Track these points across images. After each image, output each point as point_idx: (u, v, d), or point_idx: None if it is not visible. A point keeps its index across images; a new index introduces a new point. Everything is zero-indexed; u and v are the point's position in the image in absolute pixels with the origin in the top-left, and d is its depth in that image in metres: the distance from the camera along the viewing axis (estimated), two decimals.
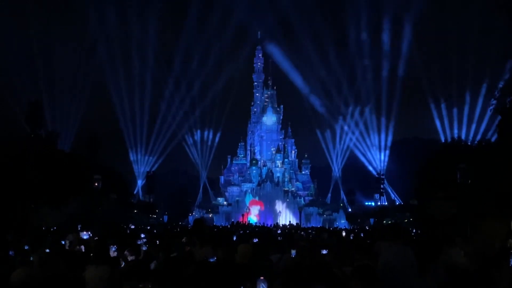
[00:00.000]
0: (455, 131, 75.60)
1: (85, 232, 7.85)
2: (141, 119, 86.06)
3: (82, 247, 8.86)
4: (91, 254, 6.53)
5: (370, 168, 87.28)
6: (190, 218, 74.12)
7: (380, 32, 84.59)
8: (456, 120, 77.77)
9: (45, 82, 71.84)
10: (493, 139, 32.79)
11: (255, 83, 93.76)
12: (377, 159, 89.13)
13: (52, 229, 26.64)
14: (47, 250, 8.94)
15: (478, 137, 55.22)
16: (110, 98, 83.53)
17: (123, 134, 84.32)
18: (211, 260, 6.93)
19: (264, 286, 3.57)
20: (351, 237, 18.83)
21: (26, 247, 9.83)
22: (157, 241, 13.93)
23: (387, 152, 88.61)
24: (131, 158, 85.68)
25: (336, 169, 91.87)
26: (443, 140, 57.03)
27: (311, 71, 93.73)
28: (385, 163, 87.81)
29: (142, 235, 13.29)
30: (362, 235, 22.00)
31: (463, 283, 6.11)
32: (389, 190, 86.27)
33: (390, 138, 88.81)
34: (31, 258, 7.45)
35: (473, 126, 73.78)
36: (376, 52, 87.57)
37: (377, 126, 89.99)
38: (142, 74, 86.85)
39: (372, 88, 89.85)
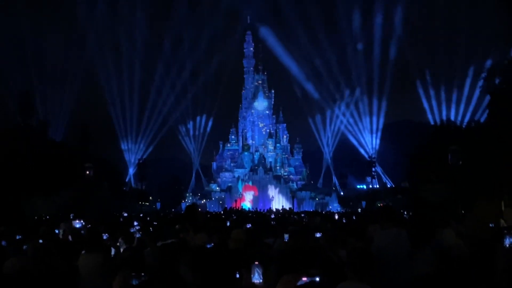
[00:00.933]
0: (444, 112, 76.19)
1: (77, 221, 7.74)
2: (132, 107, 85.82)
3: (70, 237, 8.79)
4: (84, 242, 6.46)
5: (362, 151, 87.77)
6: (183, 205, 74.13)
7: (371, 16, 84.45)
8: (445, 102, 78.28)
9: (35, 73, 71.18)
10: (482, 119, 32.96)
11: (246, 69, 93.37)
12: (369, 142, 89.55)
13: (44, 218, 26.55)
14: (40, 240, 8.87)
15: (467, 118, 55.58)
16: (100, 87, 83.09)
17: (113, 123, 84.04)
18: (208, 246, 6.90)
19: (259, 271, 3.55)
20: (344, 221, 18.91)
21: (18, 237, 9.73)
22: (151, 229, 13.91)
23: (379, 135, 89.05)
24: (122, 147, 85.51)
25: (327, 153, 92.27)
26: (433, 123, 57.28)
27: (302, 55, 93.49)
28: (377, 146, 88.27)
29: (135, 223, 13.22)
30: (354, 218, 22.10)
31: (457, 266, 6.13)
32: (381, 173, 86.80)
33: (381, 121, 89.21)
34: (24, 248, 7.39)
35: (462, 107, 74.37)
36: (367, 36, 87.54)
37: (369, 109, 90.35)
38: (132, 62, 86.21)
39: (364, 72, 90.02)
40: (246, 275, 3.96)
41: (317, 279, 2.65)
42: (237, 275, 3.29)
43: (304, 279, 2.61)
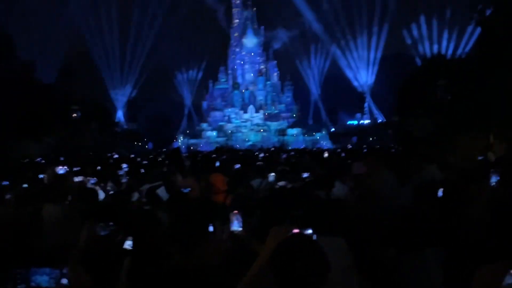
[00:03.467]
0: (435, 46, 75.67)
1: (60, 167, 7.59)
2: (119, 47, 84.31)
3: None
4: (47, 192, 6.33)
5: (355, 84, 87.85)
6: (175, 144, 74.45)
7: None
8: (437, 36, 77.59)
9: (16, 16, 68.97)
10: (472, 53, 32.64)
11: (234, 4, 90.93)
12: (362, 76, 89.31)
13: (34, 162, 26.53)
14: (25, 185, 8.84)
15: (459, 51, 55.18)
16: (84, 26, 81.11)
17: (99, 62, 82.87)
18: (185, 191, 6.83)
19: (238, 219, 3.49)
20: (331, 157, 19.03)
21: (5, 183, 9.68)
22: (142, 170, 13.90)
23: (372, 69, 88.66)
24: (111, 86, 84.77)
25: (316, 89, 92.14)
26: (426, 55, 56.79)
27: None
28: (371, 80, 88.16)
29: (124, 165, 13.14)
30: (343, 155, 22.23)
31: (440, 196, 6.13)
32: (373, 107, 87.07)
33: (373, 54, 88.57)
34: (8, 197, 7.35)
35: (453, 41, 73.89)
36: None
37: (363, 42, 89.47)
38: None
39: (356, 4, 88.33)
40: (219, 227, 3.93)
41: (310, 231, 2.58)
42: (211, 228, 3.21)
43: (296, 231, 2.54)
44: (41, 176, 9.88)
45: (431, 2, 78.90)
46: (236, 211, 3.48)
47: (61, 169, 7.48)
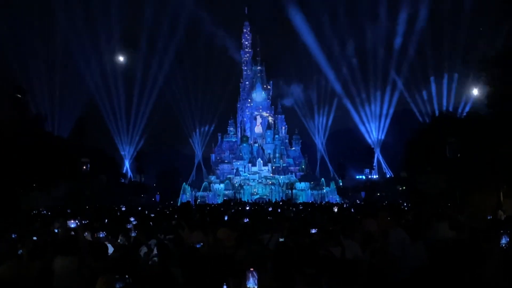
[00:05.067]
0: (444, 102, 76.38)
1: (72, 221, 7.57)
2: (129, 99, 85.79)
3: (72, 233, 8.66)
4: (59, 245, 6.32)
5: (367, 138, 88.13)
6: (183, 197, 74.26)
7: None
8: (446, 93, 78.47)
9: (26, 69, 71.00)
10: (480, 110, 32.81)
11: (243, 60, 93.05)
12: (370, 131, 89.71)
13: (42, 213, 26.51)
14: (34, 237, 8.81)
15: (467, 108, 55.55)
16: (90, 81, 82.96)
17: (108, 114, 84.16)
18: (198, 246, 6.79)
19: (254, 276, 3.45)
20: (341, 213, 18.82)
21: (13, 236, 9.68)
22: (151, 223, 13.82)
23: (380, 125, 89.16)
24: (118, 139, 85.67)
25: (320, 144, 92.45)
26: (435, 112, 57.24)
27: (302, 44, 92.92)
28: (377, 136, 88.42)
29: (132, 219, 13.10)
30: (352, 210, 22.03)
31: (450, 256, 6.06)
32: (382, 162, 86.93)
33: (382, 111, 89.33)
34: (20, 252, 7.34)
35: (462, 98, 74.53)
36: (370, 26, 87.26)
37: (370, 97, 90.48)
38: (124, 52, 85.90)
39: (365, 61, 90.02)
40: (234, 283, 3.89)
41: None
42: (225, 287, 3.18)
43: None
44: (51, 229, 9.91)
45: (440, 62, 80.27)
46: (252, 268, 3.45)
47: (72, 223, 7.47)
